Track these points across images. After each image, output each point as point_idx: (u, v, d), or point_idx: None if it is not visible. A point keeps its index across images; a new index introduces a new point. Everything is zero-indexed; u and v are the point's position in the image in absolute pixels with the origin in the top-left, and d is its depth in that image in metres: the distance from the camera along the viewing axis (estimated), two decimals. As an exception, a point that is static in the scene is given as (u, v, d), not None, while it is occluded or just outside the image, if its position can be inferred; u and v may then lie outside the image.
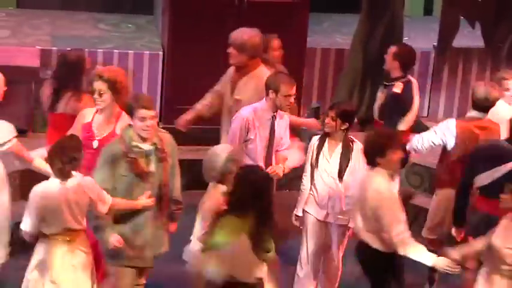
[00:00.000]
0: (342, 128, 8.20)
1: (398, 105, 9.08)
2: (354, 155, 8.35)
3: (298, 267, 8.52)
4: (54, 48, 11.02)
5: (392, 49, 9.22)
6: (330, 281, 8.68)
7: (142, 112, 7.30)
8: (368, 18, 11.03)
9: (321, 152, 8.33)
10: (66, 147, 7.07)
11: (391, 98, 9.08)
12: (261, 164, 8.25)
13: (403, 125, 9.08)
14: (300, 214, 8.41)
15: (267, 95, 8.28)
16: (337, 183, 8.37)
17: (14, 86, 10.34)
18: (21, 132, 10.10)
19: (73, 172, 7.08)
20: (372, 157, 7.47)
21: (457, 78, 11.63)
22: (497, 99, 8.51)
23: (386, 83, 9.20)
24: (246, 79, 8.78)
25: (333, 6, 12.26)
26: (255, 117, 8.29)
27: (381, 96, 9.25)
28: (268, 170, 8.21)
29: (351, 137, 8.39)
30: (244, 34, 8.78)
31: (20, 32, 11.73)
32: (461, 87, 11.62)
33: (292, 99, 8.33)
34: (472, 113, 8.49)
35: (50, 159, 7.17)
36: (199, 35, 9.88)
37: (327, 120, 8.26)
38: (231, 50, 8.74)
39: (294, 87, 8.31)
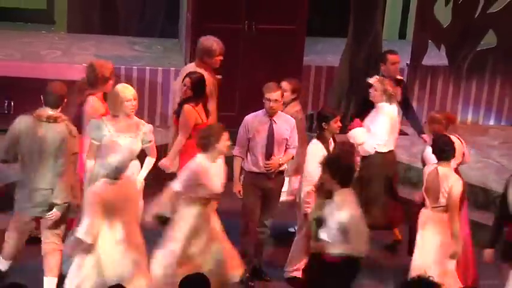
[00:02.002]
0: None
1: None
2: None
3: None
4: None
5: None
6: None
7: None
8: (353, 41, 11.01)
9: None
10: None
11: None
12: (261, 158, 8.21)
13: None
14: None
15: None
16: None
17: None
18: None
19: None
20: None
21: (426, 90, 11.61)
22: None
23: None
24: None
25: (325, 31, 12.24)
26: (255, 121, 8.24)
27: None
28: (266, 163, 8.18)
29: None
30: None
31: (69, 52, 11.74)
32: (429, 98, 11.59)
33: (271, 103, 8.08)
34: None
35: None
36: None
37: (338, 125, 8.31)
38: None
39: (273, 93, 8.07)
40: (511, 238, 7.49)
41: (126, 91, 7.94)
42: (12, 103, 10.36)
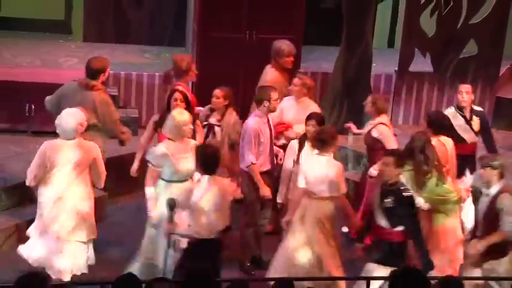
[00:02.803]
0: None
1: None
2: None
3: None
4: (110, 72, 10.99)
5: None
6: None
7: None
8: (346, 49, 11.02)
9: (302, 150, 8.33)
10: None
11: None
12: (267, 157, 8.31)
13: None
14: None
15: (261, 105, 8.24)
16: None
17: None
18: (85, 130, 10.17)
19: None
20: None
21: (413, 95, 11.62)
22: None
23: None
24: None
25: (320, 40, 12.25)
26: (261, 125, 8.25)
27: None
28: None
29: None
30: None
31: (85, 60, 11.54)
32: (416, 102, 11.60)
33: (276, 103, 8.36)
34: None
35: None
36: (219, 62, 9.89)
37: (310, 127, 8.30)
38: None
39: (276, 93, 8.31)
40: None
41: (183, 116, 7.64)
42: (32, 106, 10.39)
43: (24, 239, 8.70)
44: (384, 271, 6.94)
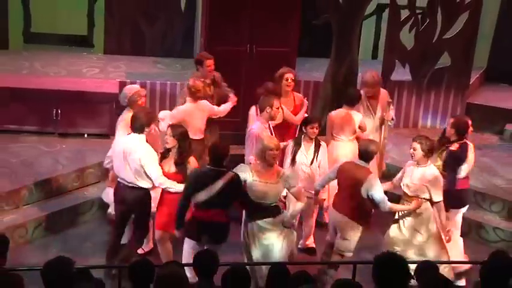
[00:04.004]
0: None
1: (455, 159, 8.11)
2: (321, 151, 8.40)
3: None
4: (127, 80, 11.05)
5: (451, 119, 8.32)
6: (306, 233, 8.71)
7: None
8: (335, 61, 11.02)
9: (299, 150, 8.33)
10: None
11: (449, 154, 8.08)
12: None
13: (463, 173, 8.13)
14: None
15: (264, 111, 8.24)
16: (311, 170, 8.39)
17: (101, 105, 10.45)
18: (106, 136, 10.21)
19: None
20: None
21: (394, 100, 11.49)
22: None
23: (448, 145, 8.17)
24: None
25: (312, 53, 12.23)
26: (262, 130, 8.26)
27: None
28: None
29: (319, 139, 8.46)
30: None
31: (105, 70, 11.78)
32: (396, 107, 11.52)
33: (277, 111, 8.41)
34: None
35: None
36: (222, 73, 9.82)
37: (314, 129, 8.25)
38: None
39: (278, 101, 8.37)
40: None
41: (270, 141, 7.32)
42: (59, 111, 10.40)
43: (51, 228, 8.73)
44: None
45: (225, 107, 9.02)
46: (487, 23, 12.22)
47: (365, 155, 7.55)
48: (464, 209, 8.22)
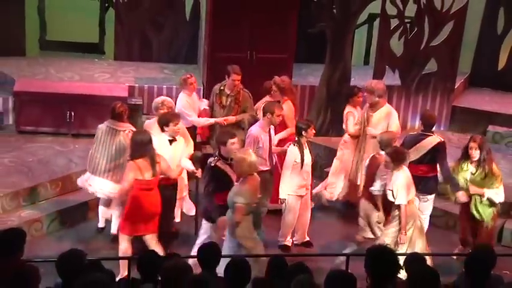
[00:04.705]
0: None
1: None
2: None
3: None
4: (136, 85, 11.05)
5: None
6: (302, 226, 8.69)
7: None
8: (329, 66, 11.01)
9: (304, 152, 8.33)
10: None
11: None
12: (267, 158, 8.32)
13: None
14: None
15: (265, 117, 8.25)
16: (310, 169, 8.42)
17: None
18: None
19: None
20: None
21: (384, 104, 11.59)
22: None
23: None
24: None
25: (308, 59, 12.20)
26: (260, 133, 8.26)
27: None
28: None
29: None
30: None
31: (115, 75, 11.76)
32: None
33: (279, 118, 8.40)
34: None
35: None
36: (224, 77, 9.82)
37: (313, 131, 8.29)
38: None
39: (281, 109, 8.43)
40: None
41: (253, 157, 7.21)
42: (72, 113, 10.39)
43: (65, 222, 8.71)
44: None
45: (204, 121, 9.20)
46: (471, 31, 12.21)
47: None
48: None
